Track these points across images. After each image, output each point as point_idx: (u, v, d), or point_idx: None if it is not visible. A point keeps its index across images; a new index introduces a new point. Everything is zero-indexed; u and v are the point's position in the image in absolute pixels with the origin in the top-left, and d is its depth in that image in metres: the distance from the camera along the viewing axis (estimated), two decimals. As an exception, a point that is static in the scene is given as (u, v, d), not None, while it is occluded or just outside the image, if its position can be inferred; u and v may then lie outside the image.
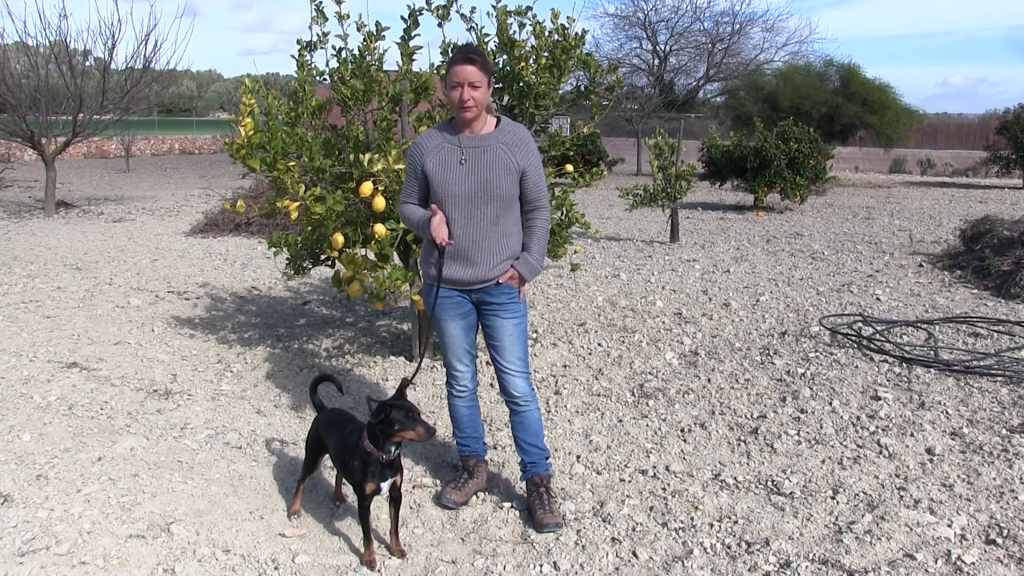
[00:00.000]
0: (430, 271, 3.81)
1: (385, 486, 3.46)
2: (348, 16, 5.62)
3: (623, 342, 6.78)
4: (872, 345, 6.50)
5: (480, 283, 3.77)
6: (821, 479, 4.24)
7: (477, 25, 5.81)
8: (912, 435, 4.79)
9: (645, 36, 35.95)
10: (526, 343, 3.91)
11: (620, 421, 5.12)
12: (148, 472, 4.29)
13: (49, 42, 16.68)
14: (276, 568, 3.44)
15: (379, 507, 3.83)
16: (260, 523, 3.82)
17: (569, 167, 6.30)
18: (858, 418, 5.08)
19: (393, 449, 3.42)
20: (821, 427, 4.93)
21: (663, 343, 6.75)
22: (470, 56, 3.59)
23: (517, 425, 3.95)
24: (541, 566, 3.47)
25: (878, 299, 8.33)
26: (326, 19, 5.61)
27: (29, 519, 3.74)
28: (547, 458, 3.97)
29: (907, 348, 6.44)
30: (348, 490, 3.99)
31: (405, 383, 3.55)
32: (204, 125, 51.56)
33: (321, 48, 5.70)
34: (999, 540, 3.58)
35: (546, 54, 5.71)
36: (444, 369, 4.07)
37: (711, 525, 3.78)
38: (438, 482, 4.26)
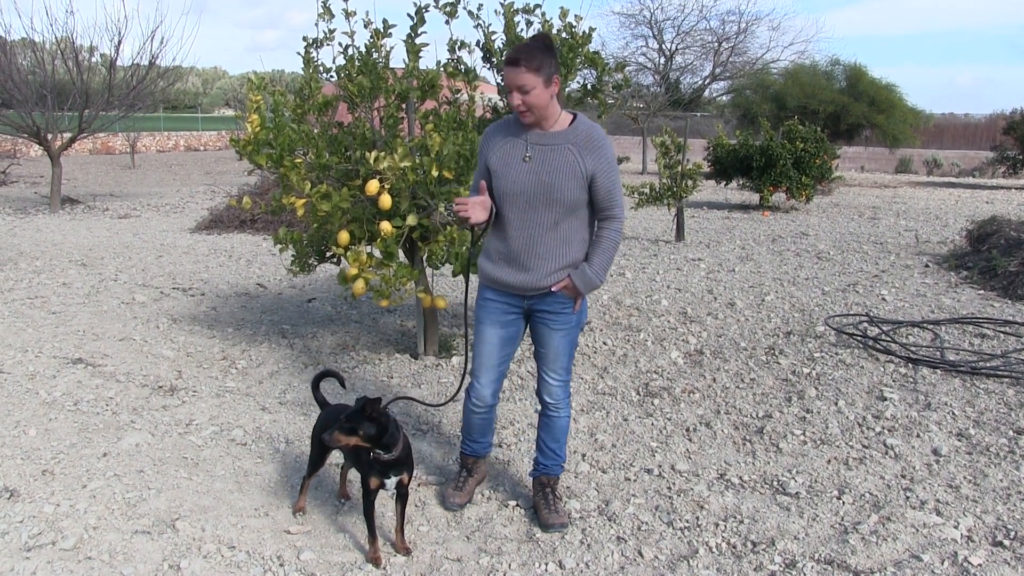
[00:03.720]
0: (481, 269, 3.65)
1: (390, 483, 3.46)
2: (355, 13, 5.62)
3: (628, 341, 6.78)
4: (878, 345, 6.48)
5: (532, 290, 3.58)
6: (827, 479, 4.23)
7: (484, 23, 5.81)
8: (918, 436, 4.78)
9: (651, 34, 35.94)
10: (572, 353, 3.77)
11: (625, 420, 5.11)
12: (153, 468, 4.29)
13: (55, 38, 16.74)
14: (281, 565, 3.44)
15: (385, 504, 3.83)
16: (265, 520, 3.82)
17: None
18: (864, 418, 5.07)
19: (383, 452, 3.39)
20: (827, 427, 4.92)
21: (668, 342, 6.75)
22: (514, 57, 3.34)
23: (544, 426, 3.88)
24: (546, 564, 3.46)
25: (884, 299, 8.31)
26: (333, 16, 5.61)
27: (35, 514, 3.75)
28: (562, 463, 3.95)
29: (913, 348, 6.42)
30: (352, 488, 3.99)
31: (371, 399, 3.36)
32: (209, 122, 51.55)
33: (328, 45, 5.70)
34: (1006, 542, 3.57)
35: (553, 52, 5.69)
36: (459, 369, 3.99)
37: (716, 525, 3.78)
38: (444, 480, 4.26)
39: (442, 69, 5.78)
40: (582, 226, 3.56)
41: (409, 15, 5.63)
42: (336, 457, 4.02)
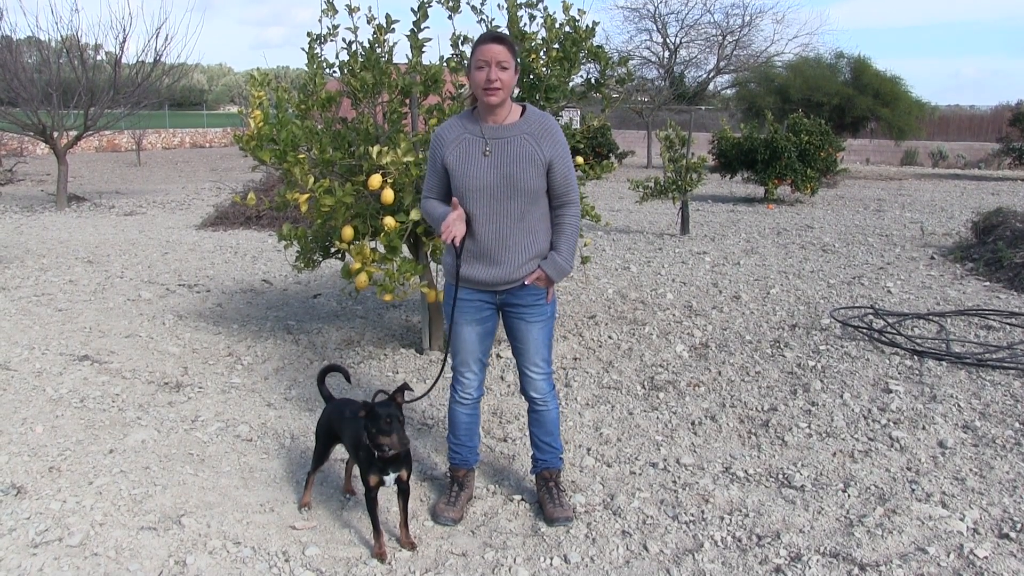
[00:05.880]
0: (450, 268, 3.65)
1: (389, 479, 3.46)
2: (358, 9, 5.61)
3: (633, 334, 6.77)
4: (883, 338, 6.47)
5: (504, 284, 3.59)
6: (832, 472, 4.23)
7: (487, 17, 5.81)
8: (924, 428, 4.77)
9: (655, 28, 35.93)
10: (551, 343, 3.78)
11: (630, 414, 5.11)
12: (159, 464, 4.31)
13: (61, 36, 16.80)
14: (287, 560, 3.45)
15: (389, 499, 3.84)
16: (271, 515, 3.83)
17: (579, 160, 6.27)
18: (869, 411, 5.06)
19: (386, 448, 3.39)
20: (832, 420, 4.92)
21: (673, 335, 6.74)
22: (499, 36, 3.42)
23: (534, 422, 3.87)
24: (551, 559, 3.47)
25: (889, 291, 8.29)
26: (336, 12, 5.61)
27: (42, 511, 3.77)
28: (560, 454, 3.94)
29: (918, 341, 6.41)
30: (358, 483, 3.99)
31: (403, 388, 3.46)
32: (215, 119, 51.64)
33: (331, 41, 5.70)
34: (1012, 534, 3.56)
35: (556, 46, 5.70)
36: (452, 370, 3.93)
37: (721, 518, 3.77)
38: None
39: (445, 64, 5.77)
40: (544, 215, 3.60)
41: (412, 10, 5.63)
42: (340, 452, 4.02)
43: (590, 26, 5.75)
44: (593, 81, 6.11)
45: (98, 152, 34.95)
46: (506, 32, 5.73)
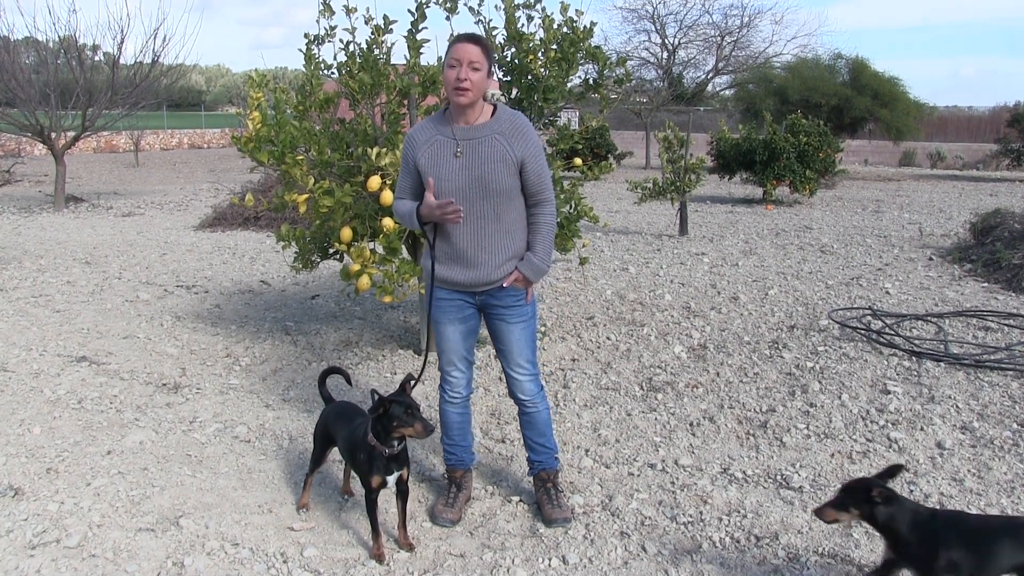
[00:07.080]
0: (428, 267, 3.64)
1: (391, 479, 3.46)
2: (356, 9, 5.61)
3: (632, 336, 6.77)
4: (881, 339, 6.47)
5: (483, 286, 3.57)
6: (830, 473, 4.23)
7: (485, 18, 5.80)
8: (922, 429, 4.77)
9: (654, 29, 36.01)
10: (535, 343, 3.78)
11: (629, 415, 5.11)
12: (157, 466, 4.30)
13: (58, 37, 16.81)
14: (285, 561, 3.44)
15: (387, 500, 3.83)
16: (269, 516, 3.82)
17: (578, 160, 6.28)
18: (867, 412, 5.06)
19: (396, 444, 3.40)
20: (830, 421, 4.92)
21: (672, 336, 6.74)
22: (474, 36, 3.43)
23: (525, 424, 3.87)
24: (550, 560, 3.47)
25: (887, 292, 8.29)
26: (333, 13, 5.61)
27: (39, 512, 3.76)
28: (555, 454, 3.94)
29: (917, 342, 6.41)
30: (356, 484, 3.99)
31: (408, 379, 3.50)
32: (213, 119, 51.60)
33: (329, 42, 5.70)
34: (1010, 535, 3.56)
35: (554, 47, 5.69)
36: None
37: (720, 519, 3.77)
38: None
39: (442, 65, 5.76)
40: (521, 216, 3.58)
41: (410, 11, 5.63)
42: (338, 454, 4.02)
43: (588, 27, 5.75)
44: (591, 82, 6.11)
45: (96, 153, 34.92)
46: (503, 33, 5.74)
